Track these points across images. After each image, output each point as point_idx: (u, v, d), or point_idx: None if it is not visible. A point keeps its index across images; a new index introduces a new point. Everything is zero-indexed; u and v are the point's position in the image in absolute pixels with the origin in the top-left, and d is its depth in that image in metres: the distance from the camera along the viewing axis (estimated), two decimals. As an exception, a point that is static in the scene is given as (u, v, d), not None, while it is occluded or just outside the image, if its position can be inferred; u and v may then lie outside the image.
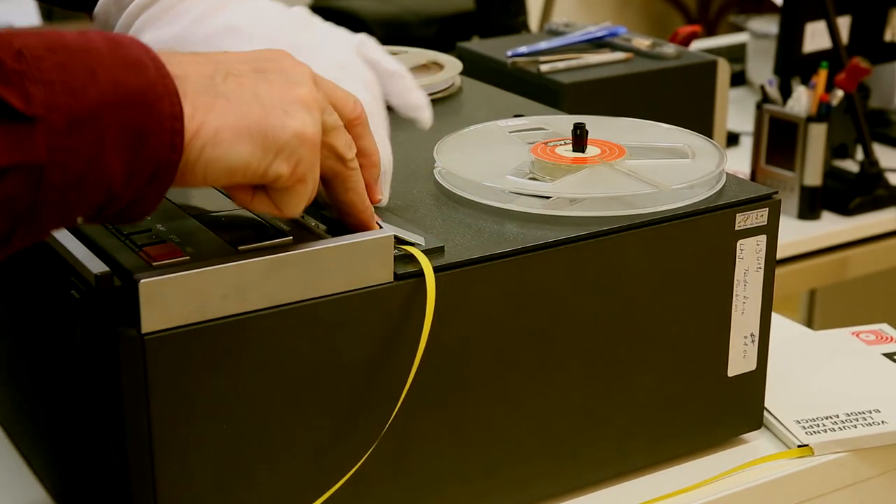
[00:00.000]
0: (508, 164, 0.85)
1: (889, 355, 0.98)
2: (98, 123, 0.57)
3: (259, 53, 0.67)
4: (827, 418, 0.89)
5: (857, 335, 1.02)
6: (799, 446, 0.86)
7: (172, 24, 0.78)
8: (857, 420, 0.88)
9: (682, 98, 1.36)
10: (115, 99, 0.57)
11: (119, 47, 0.59)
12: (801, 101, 1.60)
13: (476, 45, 1.46)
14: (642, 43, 1.39)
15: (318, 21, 0.82)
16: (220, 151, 0.62)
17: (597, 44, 1.43)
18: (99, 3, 0.80)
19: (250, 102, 0.63)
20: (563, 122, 0.91)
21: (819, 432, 0.87)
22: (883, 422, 0.88)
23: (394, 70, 0.81)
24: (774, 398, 0.89)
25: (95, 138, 0.57)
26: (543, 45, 1.40)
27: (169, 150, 0.59)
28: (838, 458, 0.86)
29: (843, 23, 1.76)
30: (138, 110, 0.58)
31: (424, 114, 0.82)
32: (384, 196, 0.77)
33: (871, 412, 0.89)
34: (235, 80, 0.64)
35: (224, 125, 0.62)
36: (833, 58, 1.64)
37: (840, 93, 1.61)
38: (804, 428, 0.88)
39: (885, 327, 1.03)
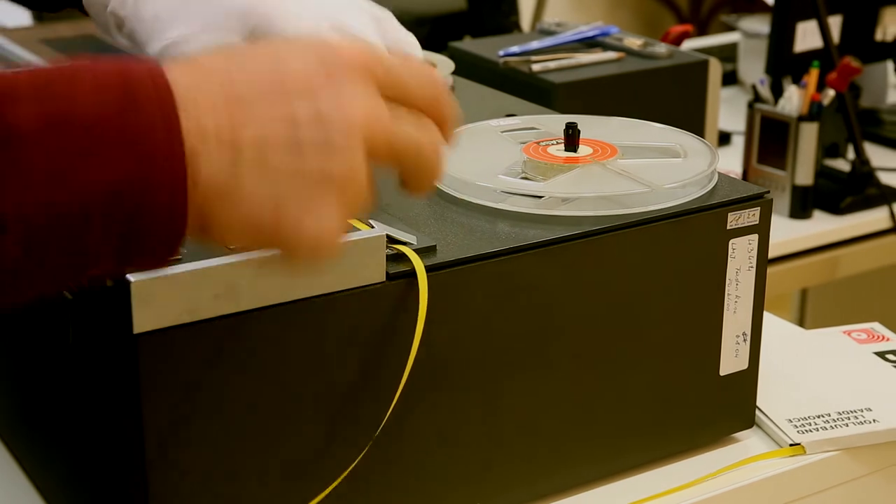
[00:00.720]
0: (500, 163, 0.85)
1: (881, 354, 0.98)
2: (82, 212, 0.52)
3: (305, 77, 0.56)
4: (818, 417, 0.89)
5: (849, 334, 1.02)
6: (791, 445, 0.86)
7: None
8: (849, 419, 0.89)
9: (673, 97, 1.36)
10: (106, 180, 0.52)
11: (129, 107, 0.52)
12: (793, 100, 1.60)
13: (468, 44, 1.46)
14: (634, 42, 1.39)
15: None
16: (223, 239, 0.57)
17: (588, 43, 1.43)
18: None
19: (266, 198, 0.55)
20: (555, 122, 0.91)
21: (811, 431, 0.87)
22: (874, 420, 0.88)
23: (380, 15, 0.79)
24: (766, 397, 0.89)
25: (78, 229, 0.52)
26: (535, 44, 1.40)
27: (167, 227, 0.54)
28: (830, 456, 0.87)
29: (835, 22, 1.76)
30: (134, 193, 0.52)
31: (417, 51, 0.78)
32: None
33: (862, 411, 0.90)
34: (259, 160, 0.54)
35: (232, 218, 0.55)
36: (824, 57, 1.65)
37: (831, 92, 1.61)
38: (796, 427, 0.88)
39: (876, 326, 1.03)
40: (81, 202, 0.51)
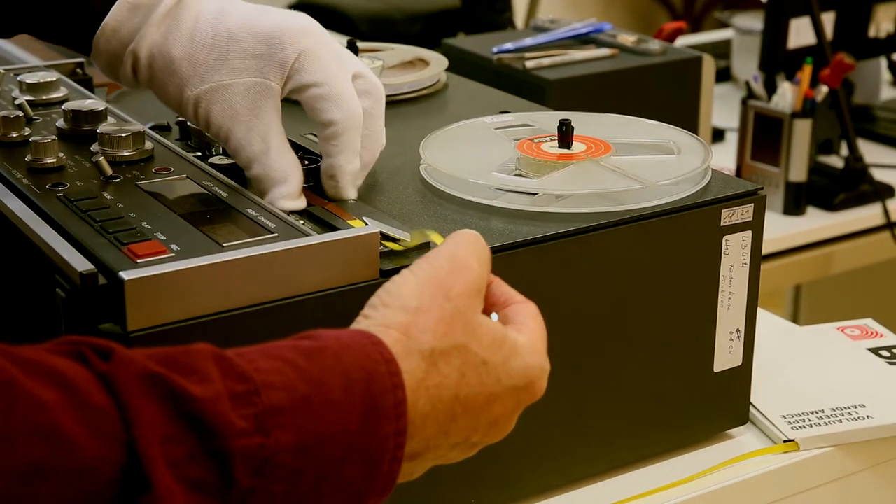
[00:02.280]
0: (494, 160, 0.85)
1: (874, 350, 0.99)
2: None
3: (499, 418, 0.63)
4: (812, 413, 0.89)
5: (843, 330, 1.02)
6: (784, 441, 0.87)
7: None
8: (843, 415, 0.89)
9: (667, 94, 1.36)
10: (331, 502, 0.55)
11: (371, 423, 0.55)
12: (786, 96, 1.60)
13: (462, 41, 1.46)
14: (627, 39, 1.39)
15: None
16: None
17: (582, 40, 1.43)
18: (111, 13, 0.77)
19: (416, 473, 0.61)
20: (549, 119, 0.91)
21: (804, 427, 0.87)
22: (868, 416, 0.88)
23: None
24: (760, 393, 0.90)
25: None
26: (529, 41, 1.39)
27: None
28: (824, 452, 0.87)
29: (828, 19, 1.76)
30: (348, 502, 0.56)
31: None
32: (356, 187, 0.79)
33: (856, 407, 0.90)
34: (433, 461, 0.61)
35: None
36: (817, 54, 1.65)
37: (825, 88, 1.61)
38: (790, 423, 0.88)
39: (870, 322, 1.03)
40: None
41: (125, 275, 0.62)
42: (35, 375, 0.49)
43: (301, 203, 0.76)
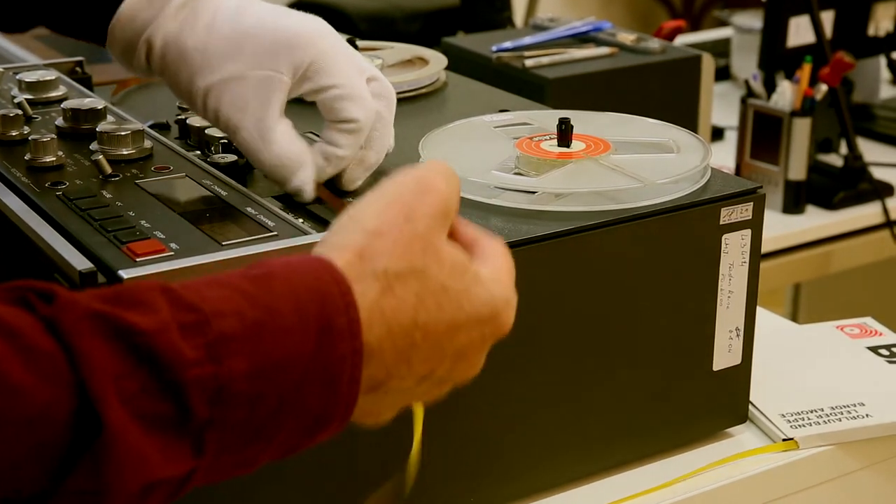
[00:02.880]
0: (493, 159, 0.85)
1: (873, 349, 0.98)
2: (262, 451, 0.54)
3: (463, 350, 0.61)
4: (811, 412, 0.89)
5: (842, 329, 1.02)
6: (784, 440, 0.87)
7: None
8: (842, 413, 0.89)
9: (666, 93, 1.36)
10: (291, 428, 0.54)
11: (328, 344, 0.54)
12: (786, 95, 1.60)
13: (461, 40, 1.46)
14: (627, 38, 1.39)
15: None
16: None
17: (581, 39, 1.43)
18: (126, 1, 0.78)
19: (388, 406, 0.60)
20: (548, 117, 0.91)
21: (804, 426, 0.87)
22: (867, 415, 0.88)
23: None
24: (759, 392, 0.90)
25: (250, 461, 0.54)
26: (528, 40, 1.39)
27: (313, 445, 0.57)
28: (823, 451, 0.87)
29: (827, 17, 1.76)
30: (309, 430, 0.55)
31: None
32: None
33: (855, 405, 0.90)
34: (394, 402, 0.60)
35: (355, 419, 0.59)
36: (817, 52, 1.65)
37: (824, 87, 1.61)
38: (789, 422, 0.88)
39: (869, 321, 1.03)
40: (268, 442, 0.54)
41: (124, 273, 0.62)
42: None
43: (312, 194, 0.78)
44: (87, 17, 0.80)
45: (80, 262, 0.65)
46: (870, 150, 1.76)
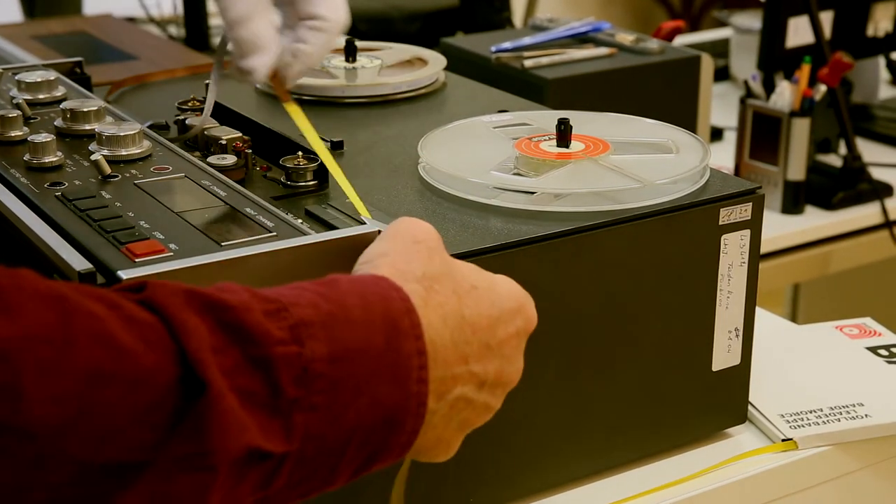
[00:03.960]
0: (493, 159, 0.85)
1: (872, 349, 0.99)
2: (343, 449, 0.55)
3: (499, 344, 0.63)
4: (811, 412, 0.89)
5: (841, 329, 1.02)
6: (783, 440, 0.87)
7: None
8: (841, 414, 0.89)
9: (665, 93, 1.36)
10: (369, 422, 0.56)
11: (395, 340, 0.57)
12: (785, 95, 1.60)
13: (460, 40, 1.46)
14: (626, 38, 1.39)
15: None
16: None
17: (580, 39, 1.43)
18: None
19: (437, 435, 0.62)
20: (548, 118, 0.91)
21: (803, 426, 0.87)
22: (866, 415, 0.88)
23: None
24: (758, 392, 0.90)
25: (335, 462, 0.56)
26: (527, 40, 1.39)
27: (393, 459, 0.59)
28: (822, 451, 0.87)
29: (826, 18, 1.76)
30: (384, 433, 0.57)
31: None
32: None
33: (854, 406, 0.90)
34: (454, 407, 0.61)
35: (420, 446, 0.61)
36: (816, 53, 1.65)
37: (823, 88, 1.61)
38: (788, 422, 0.88)
39: (868, 321, 1.03)
40: (346, 436, 0.55)
41: (123, 274, 0.62)
42: (83, 294, 0.50)
43: (263, 79, 0.78)
44: None
45: (80, 263, 0.65)
46: (869, 151, 1.76)
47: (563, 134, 0.85)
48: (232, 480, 0.51)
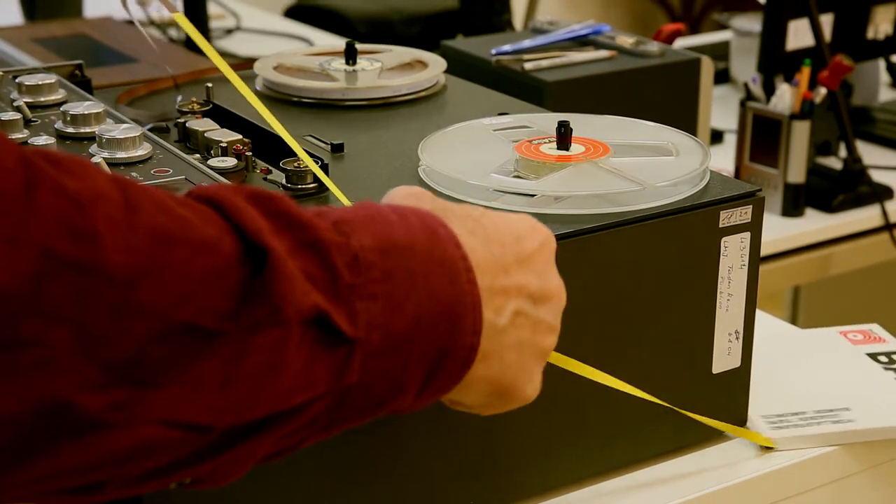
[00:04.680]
0: (493, 162, 0.85)
1: (873, 355, 0.98)
2: (410, 344, 0.55)
3: (538, 256, 0.64)
4: (794, 415, 0.89)
5: (845, 335, 1.01)
6: (763, 447, 0.86)
7: None
8: (825, 417, 0.88)
9: (665, 96, 1.36)
10: (429, 314, 0.56)
11: (436, 242, 0.58)
12: (785, 98, 1.60)
13: (460, 43, 1.46)
14: (626, 41, 1.40)
15: None
16: (463, 392, 0.61)
17: (581, 42, 1.43)
18: None
19: (513, 360, 0.62)
20: (548, 120, 0.91)
21: (784, 428, 0.87)
22: (851, 420, 0.88)
23: None
24: (751, 394, 0.89)
25: (403, 360, 0.55)
26: (527, 43, 1.40)
27: (461, 366, 0.58)
28: (814, 456, 0.86)
29: (826, 20, 1.76)
30: (446, 326, 0.57)
31: None
32: None
33: (841, 410, 0.89)
34: (516, 323, 0.62)
35: (483, 377, 0.61)
36: (816, 55, 1.65)
37: (823, 90, 1.62)
38: (770, 423, 0.87)
39: (875, 327, 1.02)
40: (410, 326, 0.55)
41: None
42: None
43: None
44: None
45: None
46: (869, 153, 1.76)
47: (563, 136, 0.85)
48: (307, 349, 0.52)
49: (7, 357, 0.45)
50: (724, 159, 1.73)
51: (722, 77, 2.06)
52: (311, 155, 0.83)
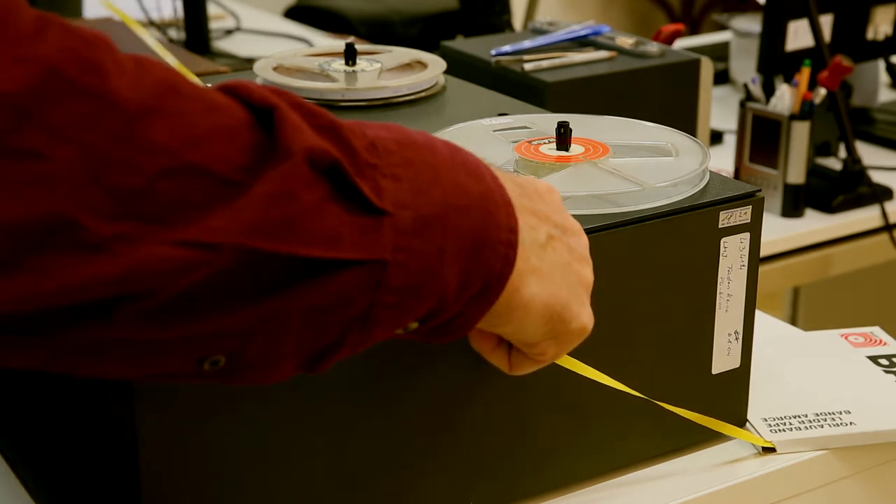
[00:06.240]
0: (492, 162, 0.84)
1: (873, 358, 0.98)
2: (441, 226, 0.55)
3: (544, 194, 0.64)
4: (794, 417, 0.88)
5: (846, 337, 1.01)
6: (763, 448, 0.86)
7: None
8: (825, 420, 0.88)
9: (665, 96, 1.36)
10: (458, 202, 0.56)
11: (458, 151, 0.58)
12: (784, 99, 1.60)
13: (460, 43, 1.46)
14: (626, 41, 1.40)
15: None
16: (524, 318, 0.61)
17: (580, 42, 1.43)
18: None
19: (561, 282, 0.62)
20: (547, 121, 0.91)
21: (784, 431, 0.87)
22: (851, 423, 0.88)
23: None
24: (751, 396, 0.89)
25: (437, 241, 0.55)
26: (527, 43, 1.40)
27: (502, 264, 0.58)
28: (810, 458, 0.86)
29: (826, 21, 1.76)
30: (478, 216, 0.56)
31: None
32: None
33: (841, 413, 0.89)
34: (552, 245, 0.62)
35: (539, 296, 0.61)
36: (815, 56, 1.65)
37: (823, 91, 1.62)
38: (770, 426, 0.87)
39: (876, 330, 1.02)
40: (439, 211, 0.55)
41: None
42: None
43: None
44: None
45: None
46: (868, 154, 1.77)
47: (563, 137, 0.85)
48: (320, 192, 0.51)
49: (9, 164, 0.45)
50: (723, 160, 1.73)
51: (721, 78, 2.06)
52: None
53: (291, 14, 2.77)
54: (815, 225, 1.63)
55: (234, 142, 0.50)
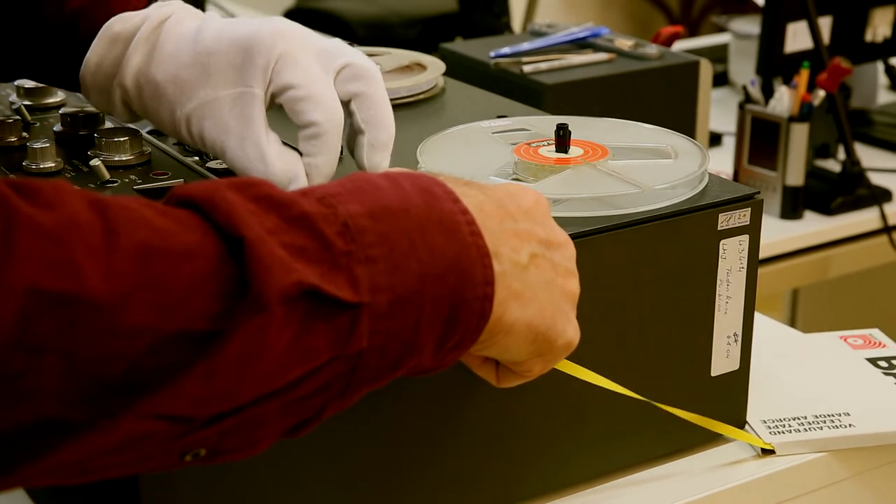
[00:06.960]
0: (491, 164, 0.85)
1: (872, 360, 0.98)
2: (418, 302, 0.55)
3: (535, 209, 0.65)
4: (794, 419, 0.88)
5: (845, 339, 1.01)
6: (763, 449, 0.86)
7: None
8: (825, 422, 0.88)
9: (664, 98, 1.36)
10: (434, 270, 0.56)
11: (432, 201, 0.58)
12: (783, 101, 1.60)
13: (459, 45, 1.46)
14: (625, 43, 1.40)
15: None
16: (507, 342, 0.62)
17: (579, 44, 1.43)
18: (91, 48, 0.78)
19: (545, 300, 0.62)
20: (546, 123, 0.91)
21: (783, 433, 0.87)
22: (850, 425, 0.88)
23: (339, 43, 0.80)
24: (750, 398, 0.89)
25: (414, 317, 0.55)
26: (526, 45, 1.40)
27: (478, 318, 0.58)
28: (810, 460, 0.86)
29: (825, 23, 1.76)
30: (454, 280, 0.57)
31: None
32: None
33: (840, 415, 0.89)
34: (535, 263, 0.62)
35: (522, 319, 0.61)
36: (814, 58, 1.65)
37: (822, 93, 1.62)
38: (769, 428, 0.87)
39: (876, 332, 1.02)
40: (416, 285, 0.55)
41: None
42: (114, 199, 0.52)
43: None
44: (62, 68, 0.81)
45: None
46: (867, 156, 1.77)
47: (562, 139, 0.85)
48: (295, 325, 0.52)
49: None
50: (722, 162, 1.73)
51: (720, 80, 2.06)
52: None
53: (290, 16, 2.77)
54: (814, 227, 1.63)
55: (209, 289, 0.50)
